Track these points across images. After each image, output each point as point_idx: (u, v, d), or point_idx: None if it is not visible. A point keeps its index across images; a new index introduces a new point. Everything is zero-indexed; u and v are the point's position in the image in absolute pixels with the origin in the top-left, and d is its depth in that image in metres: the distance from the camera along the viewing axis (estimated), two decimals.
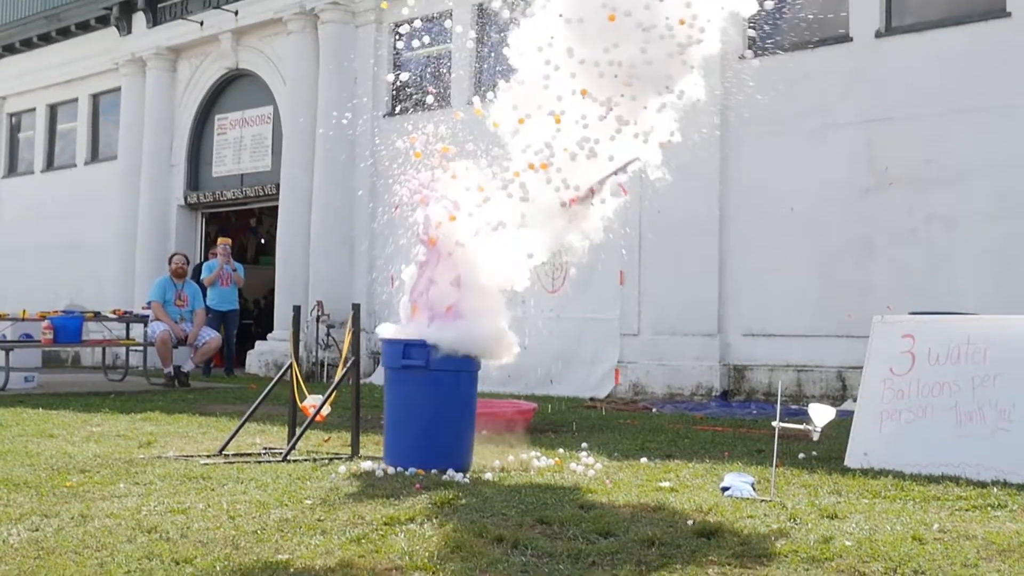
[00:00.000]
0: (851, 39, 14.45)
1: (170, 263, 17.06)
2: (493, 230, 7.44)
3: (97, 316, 17.17)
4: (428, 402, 7.55)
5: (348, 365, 8.55)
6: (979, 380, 7.50)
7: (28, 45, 27.21)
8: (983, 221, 13.27)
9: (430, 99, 15.92)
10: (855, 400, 8.77)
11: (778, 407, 6.71)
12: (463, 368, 7.59)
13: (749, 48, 14.69)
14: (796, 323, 14.55)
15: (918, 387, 7.78)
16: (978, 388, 7.49)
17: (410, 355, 7.52)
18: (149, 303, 16.70)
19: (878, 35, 14.27)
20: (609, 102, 7.01)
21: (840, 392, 13.80)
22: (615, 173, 7.39)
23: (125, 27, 23.94)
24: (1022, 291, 12.52)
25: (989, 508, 6.15)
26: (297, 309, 9.51)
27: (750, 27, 12.72)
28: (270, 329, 20.69)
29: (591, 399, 14.63)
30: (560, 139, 7.12)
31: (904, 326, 8.08)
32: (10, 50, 27.81)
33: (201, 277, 19.07)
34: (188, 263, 17.50)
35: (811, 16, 14.52)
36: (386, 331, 7.85)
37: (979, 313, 9.06)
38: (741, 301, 15.11)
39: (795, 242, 14.61)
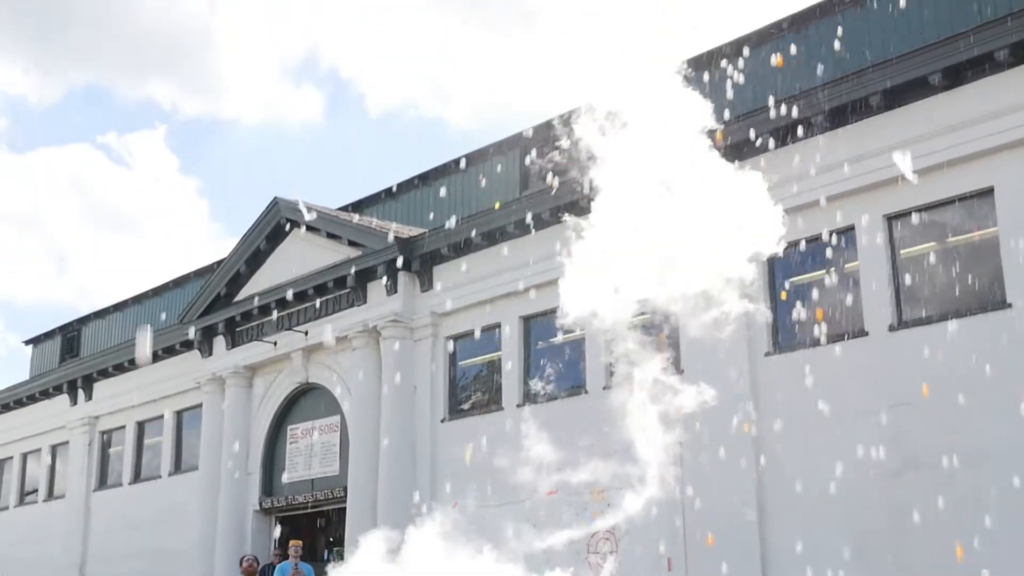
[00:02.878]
0: (867, 333, 15.40)
1: (241, 564, 17.97)
2: None
3: None
4: None
5: None
6: None
7: (120, 369, 29.45)
8: (1015, 500, 13.53)
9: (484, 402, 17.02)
10: None
11: None
12: None
13: (773, 346, 15.72)
14: None
15: None
16: None
17: None
18: None
19: (891, 329, 15.20)
20: None
21: None
22: None
23: (207, 350, 26.00)
24: None
25: None
26: None
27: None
28: None
29: None
30: None
31: None
32: (104, 374, 30.09)
33: None
34: (258, 563, 18.38)
35: (829, 314, 15.50)
36: None
37: None
38: None
39: (832, 526, 14.98)
